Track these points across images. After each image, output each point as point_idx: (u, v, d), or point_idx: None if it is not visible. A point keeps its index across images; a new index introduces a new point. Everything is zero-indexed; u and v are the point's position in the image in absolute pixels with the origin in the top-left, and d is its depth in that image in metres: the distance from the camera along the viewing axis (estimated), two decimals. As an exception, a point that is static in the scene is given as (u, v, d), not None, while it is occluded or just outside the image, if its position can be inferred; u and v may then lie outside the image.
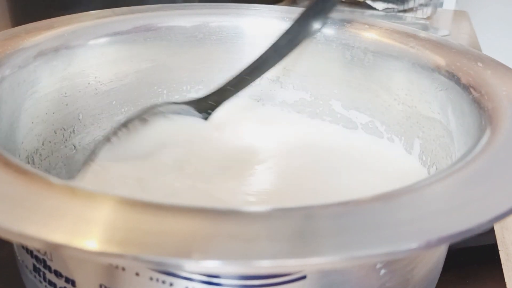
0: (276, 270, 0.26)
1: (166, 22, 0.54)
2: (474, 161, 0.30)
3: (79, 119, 0.49)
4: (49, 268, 0.30)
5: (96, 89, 0.50)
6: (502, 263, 0.44)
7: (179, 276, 0.27)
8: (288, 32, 0.52)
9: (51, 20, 0.49)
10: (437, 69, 0.45)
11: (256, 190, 0.46)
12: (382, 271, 0.30)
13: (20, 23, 0.47)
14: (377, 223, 0.24)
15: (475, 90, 0.40)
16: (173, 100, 0.57)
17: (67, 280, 0.29)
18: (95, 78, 0.50)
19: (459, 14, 1.19)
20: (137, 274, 0.28)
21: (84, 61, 0.48)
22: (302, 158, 0.50)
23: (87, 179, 0.42)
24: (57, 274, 0.30)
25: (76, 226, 0.23)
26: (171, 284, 0.27)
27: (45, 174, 0.27)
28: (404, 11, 1.06)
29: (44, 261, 0.30)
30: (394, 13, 1.04)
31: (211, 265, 0.22)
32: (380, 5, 1.05)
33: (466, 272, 0.43)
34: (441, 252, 0.36)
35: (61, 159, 0.48)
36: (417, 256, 0.32)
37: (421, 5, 1.06)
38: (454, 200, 0.26)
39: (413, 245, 0.23)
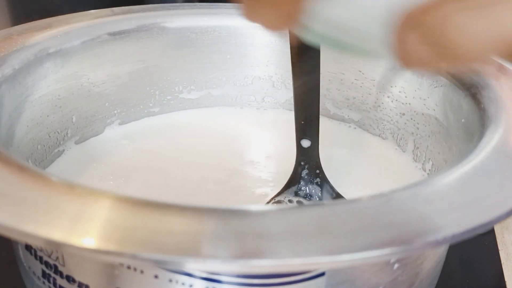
0: (275, 270, 0.26)
1: (158, 22, 0.53)
2: (475, 161, 0.30)
3: (73, 122, 0.49)
4: (60, 274, 0.30)
5: (89, 91, 0.50)
6: (502, 263, 0.44)
7: (199, 278, 0.27)
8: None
9: (49, 19, 0.48)
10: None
11: (255, 189, 0.46)
12: (396, 266, 0.30)
13: (20, 23, 0.47)
14: (376, 223, 0.24)
15: (471, 86, 0.40)
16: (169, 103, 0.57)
17: (80, 285, 0.29)
18: (88, 79, 0.49)
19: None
20: (156, 276, 0.27)
21: (77, 62, 0.48)
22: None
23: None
24: (70, 279, 0.29)
25: (75, 224, 0.23)
26: (191, 286, 0.27)
27: (45, 172, 0.27)
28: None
29: (55, 267, 0.30)
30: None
31: (211, 264, 0.22)
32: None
33: (466, 271, 0.43)
34: (444, 249, 0.36)
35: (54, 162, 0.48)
36: (426, 251, 0.32)
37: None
38: (455, 200, 0.26)
39: (414, 245, 0.23)
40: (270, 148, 0.53)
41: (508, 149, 0.31)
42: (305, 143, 0.45)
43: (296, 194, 0.45)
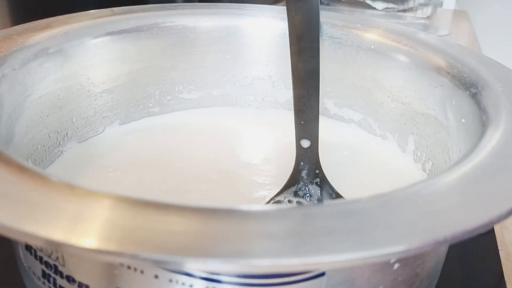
0: (275, 270, 0.26)
1: (158, 22, 0.53)
2: (475, 161, 0.30)
3: (72, 122, 0.49)
4: (60, 274, 0.30)
5: (89, 91, 0.50)
6: (502, 263, 0.44)
7: (199, 278, 0.27)
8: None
9: (49, 19, 0.48)
10: (431, 66, 0.46)
11: (253, 190, 0.46)
12: (396, 266, 0.30)
13: (20, 23, 0.47)
14: (376, 223, 0.24)
15: (471, 86, 0.40)
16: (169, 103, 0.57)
17: (80, 285, 0.29)
18: (88, 79, 0.49)
19: (459, 14, 1.20)
20: (156, 276, 0.27)
21: (77, 62, 0.48)
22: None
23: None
24: (70, 279, 0.29)
25: (75, 224, 0.23)
26: (191, 286, 0.27)
27: (45, 172, 0.27)
28: (404, 10, 1.06)
29: (55, 267, 0.30)
30: (394, 13, 1.05)
31: (211, 264, 0.22)
32: (379, 5, 1.05)
33: (466, 272, 0.43)
34: (444, 249, 0.36)
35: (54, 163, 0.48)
36: (426, 251, 0.32)
37: (420, 4, 1.06)
38: (455, 200, 0.26)
39: (414, 245, 0.23)
40: (269, 149, 0.53)
41: (508, 149, 0.31)
42: (305, 143, 0.45)
43: (296, 194, 0.45)
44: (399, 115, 0.50)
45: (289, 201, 0.44)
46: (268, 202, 0.44)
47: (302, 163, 0.45)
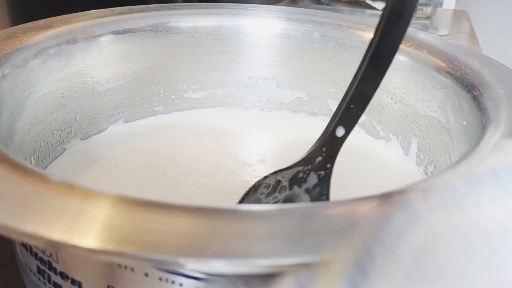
0: (275, 270, 0.26)
1: (163, 22, 0.53)
2: (475, 161, 0.30)
3: (76, 120, 0.49)
4: (54, 270, 0.30)
5: (93, 89, 0.50)
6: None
7: (189, 276, 0.27)
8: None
9: (50, 19, 0.48)
10: (435, 68, 0.45)
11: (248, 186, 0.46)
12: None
13: (20, 23, 0.47)
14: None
15: (473, 88, 0.40)
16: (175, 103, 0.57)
17: (73, 281, 0.29)
18: (92, 78, 0.50)
19: (459, 14, 1.19)
20: (146, 274, 0.27)
21: (81, 61, 0.48)
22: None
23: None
24: (63, 276, 0.29)
25: (75, 224, 0.23)
26: (180, 285, 0.27)
27: (44, 172, 0.27)
28: (404, 10, 1.06)
29: (49, 263, 0.30)
30: (394, 13, 1.05)
31: (210, 264, 0.22)
32: (380, 5, 1.05)
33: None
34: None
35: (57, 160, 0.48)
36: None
37: (421, 4, 1.06)
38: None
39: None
40: (270, 149, 0.53)
41: (509, 148, 0.31)
42: (340, 131, 0.41)
43: (295, 177, 0.42)
44: (402, 117, 0.50)
45: (278, 181, 0.42)
46: (265, 178, 0.42)
47: (324, 149, 0.42)
